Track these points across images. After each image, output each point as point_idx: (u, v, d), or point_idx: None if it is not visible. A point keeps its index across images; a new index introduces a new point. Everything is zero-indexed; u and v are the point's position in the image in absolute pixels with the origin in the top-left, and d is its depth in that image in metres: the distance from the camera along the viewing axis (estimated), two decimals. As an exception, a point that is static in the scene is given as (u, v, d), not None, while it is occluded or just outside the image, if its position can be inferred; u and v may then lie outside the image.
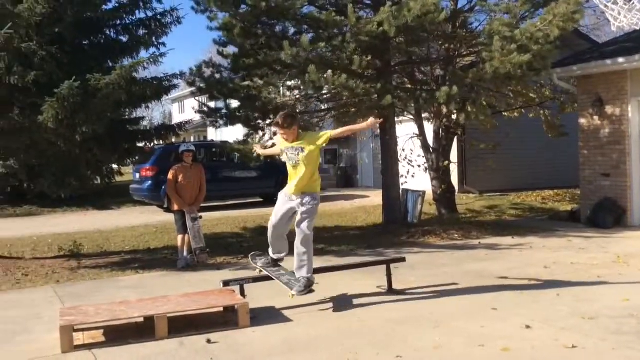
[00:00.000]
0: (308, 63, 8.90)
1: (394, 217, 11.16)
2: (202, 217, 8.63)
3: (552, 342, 4.56)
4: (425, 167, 13.12)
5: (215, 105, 11.59)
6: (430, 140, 12.92)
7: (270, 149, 6.33)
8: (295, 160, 5.57)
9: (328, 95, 10.94)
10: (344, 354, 4.43)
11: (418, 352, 4.46)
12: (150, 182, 15.53)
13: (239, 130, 13.10)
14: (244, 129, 11.15)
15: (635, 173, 10.37)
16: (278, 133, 5.81)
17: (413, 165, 13.10)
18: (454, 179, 14.52)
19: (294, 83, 10.81)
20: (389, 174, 11.18)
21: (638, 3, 9.91)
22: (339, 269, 6.76)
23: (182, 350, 4.68)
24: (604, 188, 10.76)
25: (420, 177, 13.38)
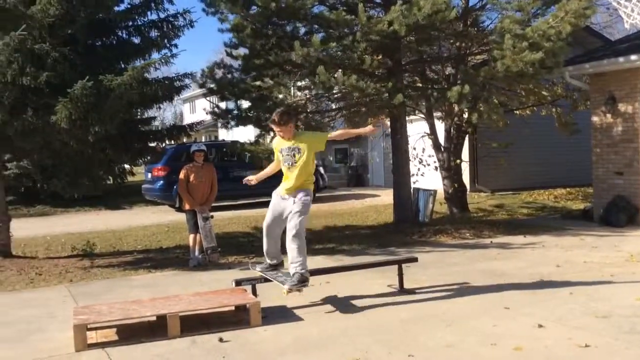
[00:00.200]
0: (319, 63, 8.90)
1: (405, 216, 11.15)
2: (213, 216, 8.67)
3: (564, 341, 4.53)
4: (436, 166, 13.08)
5: (226, 106, 11.64)
6: (442, 139, 12.88)
7: (265, 170, 6.07)
8: (291, 162, 5.54)
9: (339, 95, 10.95)
10: (356, 353, 4.43)
11: (430, 351, 4.45)
12: (162, 181, 15.63)
13: (250, 130, 13.13)
14: (255, 130, 11.18)
15: (649, 171, 10.29)
16: (275, 130, 5.74)
17: (424, 164, 13.07)
18: (466, 178, 14.46)
19: (305, 83, 10.82)
20: (400, 173, 11.17)
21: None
22: (351, 269, 6.76)
23: (194, 349, 4.71)
24: (617, 186, 10.67)
25: (431, 176, 13.34)
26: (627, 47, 10.78)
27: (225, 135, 27.79)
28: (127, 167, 11.52)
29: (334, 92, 10.42)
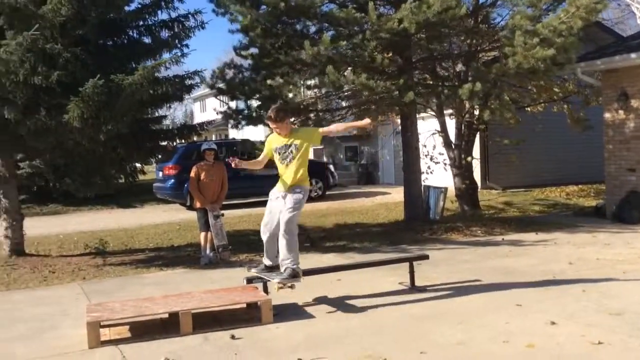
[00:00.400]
0: (328, 62, 8.90)
1: (416, 213, 11.13)
2: (224, 214, 8.69)
3: (577, 338, 4.51)
4: (445, 163, 13.03)
5: (237, 106, 11.66)
6: (453, 137, 12.84)
7: (252, 161, 6.08)
8: (289, 159, 5.55)
9: (349, 93, 10.94)
10: (367, 350, 4.43)
11: (441, 348, 4.44)
12: (173, 180, 15.69)
13: (260, 128, 13.16)
14: (266, 129, 11.20)
15: (662, 168, 10.21)
16: (271, 127, 5.74)
17: (436, 162, 13.02)
18: (477, 175, 14.39)
19: (314, 82, 10.83)
20: (411, 171, 11.15)
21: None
22: (362, 267, 6.76)
23: (206, 346, 4.73)
24: (630, 183, 10.59)
25: (440, 173, 13.29)
26: (639, 43, 10.69)
27: (236, 134, 27.86)
28: (138, 166, 11.55)
29: (344, 90, 10.42)
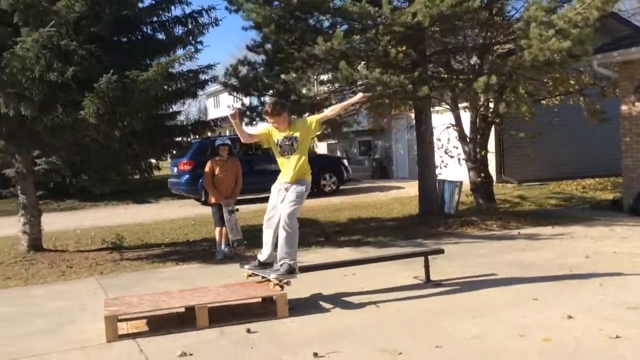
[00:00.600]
0: (342, 57, 8.87)
1: (431, 207, 11.10)
2: (238, 209, 8.73)
3: (595, 332, 4.48)
4: (459, 157, 12.96)
5: (250, 102, 11.68)
6: (467, 130, 12.76)
7: (244, 129, 5.85)
8: (290, 151, 5.55)
9: (362, 87, 10.91)
10: (383, 344, 4.43)
11: (457, 342, 4.43)
12: (188, 175, 15.78)
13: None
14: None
15: (681, 160, 10.08)
16: (269, 122, 5.71)
17: (450, 156, 12.97)
18: (492, 169, 14.32)
19: (328, 77, 10.80)
20: (425, 165, 11.11)
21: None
22: (376, 261, 6.74)
23: (222, 339, 4.77)
24: (648, 176, 10.48)
25: (455, 167, 13.22)
26: (657, 34, 10.56)
27: (249, 130, 27.89)
28: (153, 161, 11.65)
29: (358, 85, 10.39)
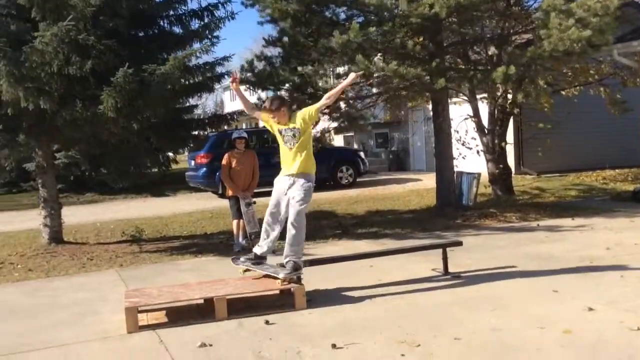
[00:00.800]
0: (358, 50, 8.82)
1: (448, 199, 11.03)
2: (255, 202, 8.75)
3: (616, 324, 4.43)
4: (478, 149, 12.86)
5: (267, 96, 11.66)
6: (485, 122, 12.65)
7: (247, 98, 6.09)
8: (293, 143, 5.55)
9: (378, 79, 10.86)
10: (401, 336, 4.43)
11: (476, 334, 4.41)
12: (205, 168, 15.86)
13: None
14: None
15: None
16: (270, 117, 5.74)
17: (469, 147, 12.87)
18: (510, 160, 14.19)
19: (344, 70, 10.76)
20: (443, 157, 11.04)
21: None
22: (394, 253, 6.73)
23: (241, 331, 4.79)
24: (670, 167, 10.31)
25: (472, 159, 13.13)
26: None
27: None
28: (171, 155, 11.74)
29: (374, 77, 10.34)
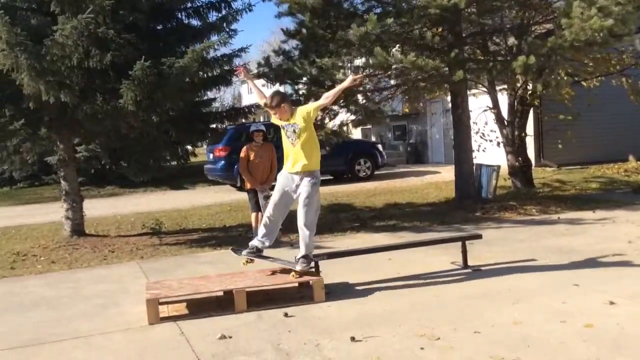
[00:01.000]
0: (376, 42, 8.77)
1: (467, 192, 10.96)
2: (274, 195, 8.77)
3: (638, 318, 4.38)
4: (499, 141, 12.75)
5: (285, 90, 11.67)
6: (505, 113, 12.53)
7: (259, 87, 6.22)
8: (294, 138, 5.56)
9: (396, 71, 10.79)
10: (420, 329, 4.42)
11: (496, 327, 4.39)
12: (224, 161, 15.92)
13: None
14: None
15: None
16: (272, 114, 5.76)
17: (486, 139, 12.76)
18: (530, 152, 14.04)
19: (362, 63, 10.71)
20: (462, 149, 10.96)
21: None
22: (413, 246, 6.71)
23: (260, 323, 4.82)
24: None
25: (492, 151, 13.02)
26: None
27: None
28: (189, 148, 11.81)
29: (392, 69, 10.27)
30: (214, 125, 11.13)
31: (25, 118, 8.24)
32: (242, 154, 8.60)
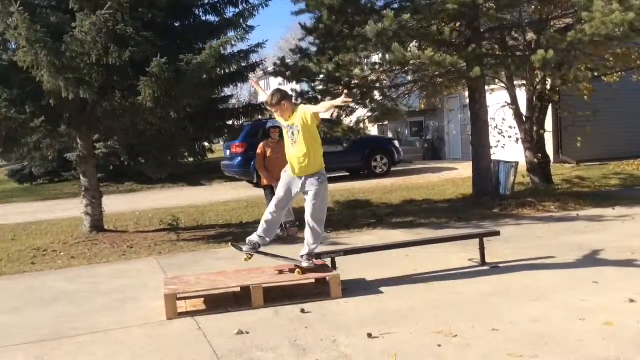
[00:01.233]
0: (394, 38, 8.72)
1: (485, 189, 10.88)
2: (291, 191, 8.77)
3: (660, 317, 4.32)
4: (518, 137, 12.63)
5: (301, 88, 11.67)
6: (524, 109, 12.41)
7: (263, 89, 6.19)
8: (294, 138, 5.53)
9: (414, 67, 10.73)
10: (438, 326, 4.41)
11: (514, 325, 4.36)
12: (240, 158, 15.98)
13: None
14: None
15: None
16: (273, 112, 5.76)
17: (504, 136, 12.65)
18: (549, 149, 13.90)
19: (379, 59, 10.66)
20: (480, 145, 10.88)
21: None
22: (430, 242, 6.68)
23: (277, 319, 4.84)
24: None
25: (510, 147, 12.91)
26: None
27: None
28: (206, 144, 11.87)
29: (410, 64, 10.22)
30: (231, 122, 11.17)
31: (46, 115, 8.34)
32: (258, 151, 8.63)
